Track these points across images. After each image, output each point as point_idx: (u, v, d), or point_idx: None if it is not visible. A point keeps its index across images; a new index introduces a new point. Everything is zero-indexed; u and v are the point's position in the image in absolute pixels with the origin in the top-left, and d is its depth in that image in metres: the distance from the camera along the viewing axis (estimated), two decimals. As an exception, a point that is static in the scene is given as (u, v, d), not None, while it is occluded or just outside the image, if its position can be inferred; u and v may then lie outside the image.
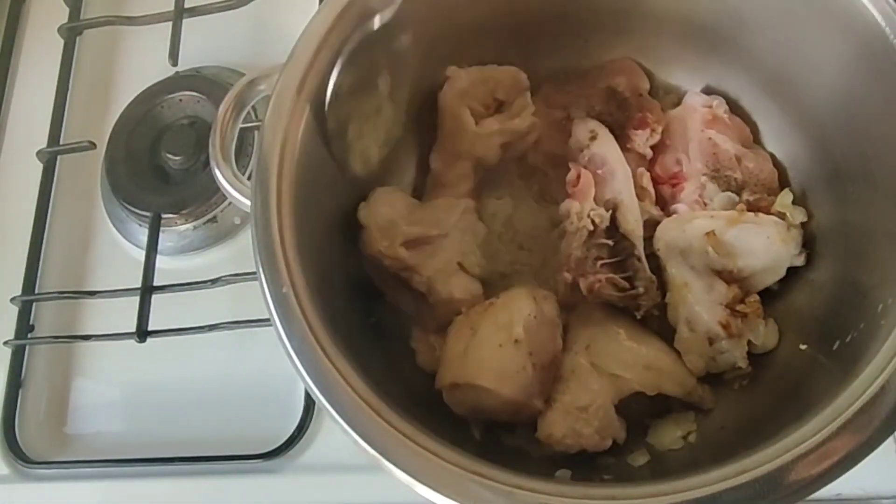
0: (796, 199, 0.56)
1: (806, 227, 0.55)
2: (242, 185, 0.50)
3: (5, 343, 0.68)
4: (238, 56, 0.75)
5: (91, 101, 0.77)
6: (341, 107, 0.51)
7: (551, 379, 0.51)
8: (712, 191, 0.57)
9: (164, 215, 0.68)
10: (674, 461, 0.51)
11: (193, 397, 0.64)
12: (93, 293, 0.68)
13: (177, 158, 0.70)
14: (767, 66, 0.56)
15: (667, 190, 0.59)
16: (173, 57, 0.71)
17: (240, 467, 0.60)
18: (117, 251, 0.71)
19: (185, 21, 0.73)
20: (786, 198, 0.56)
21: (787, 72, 0.55)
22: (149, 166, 0.71)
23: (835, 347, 0.47)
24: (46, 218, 0.72)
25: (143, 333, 0.64)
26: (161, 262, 0.67)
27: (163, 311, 0.65)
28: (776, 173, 0.58)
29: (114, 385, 0.67)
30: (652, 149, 0.59)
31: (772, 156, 0.58)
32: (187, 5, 0.74)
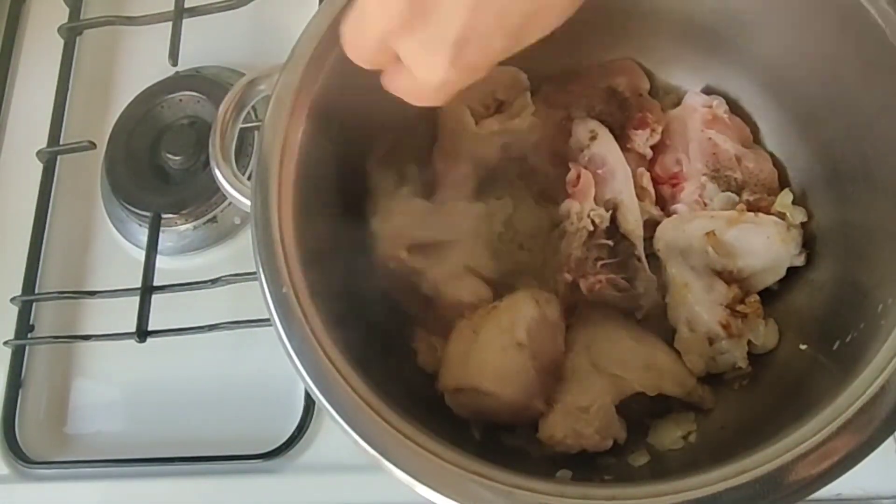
0: (796, 199, 0.56)
1: (806, 227, 0.55)
2: (242, 185, 0.50)
3: (5, 343, 0.68)
4: (238, 56, 0.75)
5: (91, 101, 0.77)
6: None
7: (553, 380, 0.51)
8: (712, 191, 0.57)
9: (164, 215, 0.68)
10: (674, 461, 0.51)
11: (193, 397, 0.64)
12: (93, 293, 0.68)
13: (177, 158, 0.70)
14: (767, 66, 0.56)
15: (667, 190, 0.59)
16: (173, 57, 0.71)
17: (240, 467, 0.60)
18: (117, 251, 0.71)
19: (185, 21, 0.73)
20: (786, 198, 0.56)
21: (787, 72, 0.55)
22: (149, 166, 0.71)
23: (835, 347, 0.47)
24: (46, 218, 0.72)
25: (143, 333, 0.64)
26: (161, 262, 0.67)
27: (163, 311, 0.65)
28: (776, 173, 0.58)
29: (114, 385, 0.67)
30: (652, 149, 0.59)
31: (772, 156, 0.58)
32: (187, 5, 0.73)
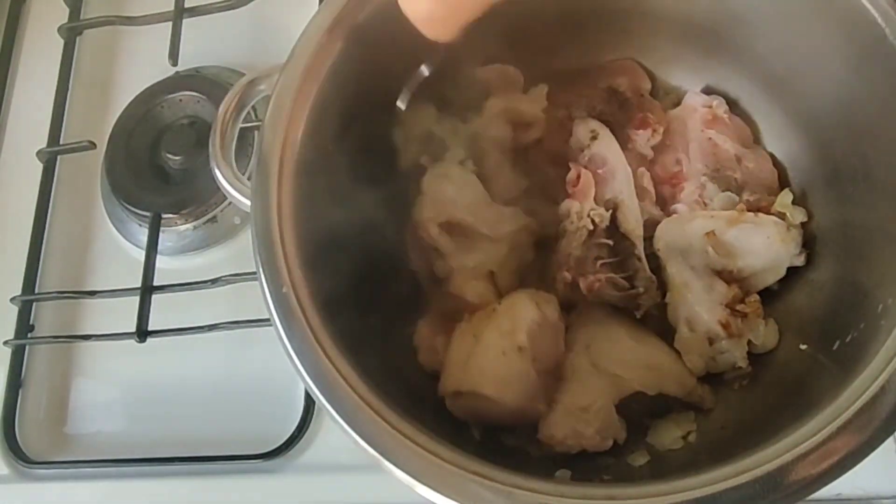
0: (796, 199, 0.56)
1: (806, 227, 0.55)
2: (242, 185, 0.50)
3: (5, 343, 0.68)
4: (238, 56, 0.75)
5: (91, 101, 0.77)
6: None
7: (554, 381, 0.51)
8: (712, 191, 0.57)
9: (164, 215, 0.68)
10: (674, 461, 0.51)
11: (193, 397, 0.64)
12: (93, 293, 0.68)
13: (177, 158, 0.70)
14: (767, 66, 0.56)
15: (667, 190, 0.59)
16: (173, 57, 0.71)
17: (240, 467, 0.60)
18: (117, 251, 0.71)
19: (185, 21, 0.73)
20: (786, 198, 0.56)
21: (787, 72, 0.55)
22: (149, 166, 0.71)
23: (835, 347, 0.47)
24: (46, 218, 0.72)
25: (143, 333, 0.64)
26: (161, 262, 0.67)
27: (163, 311, 0.65)
28: (776, 173, 0.58)
29: (114, 385, 0.67)
30: (652, 149, 0.59)
31: (772, 156, 0.58)
32: (187, 5, 0.74)
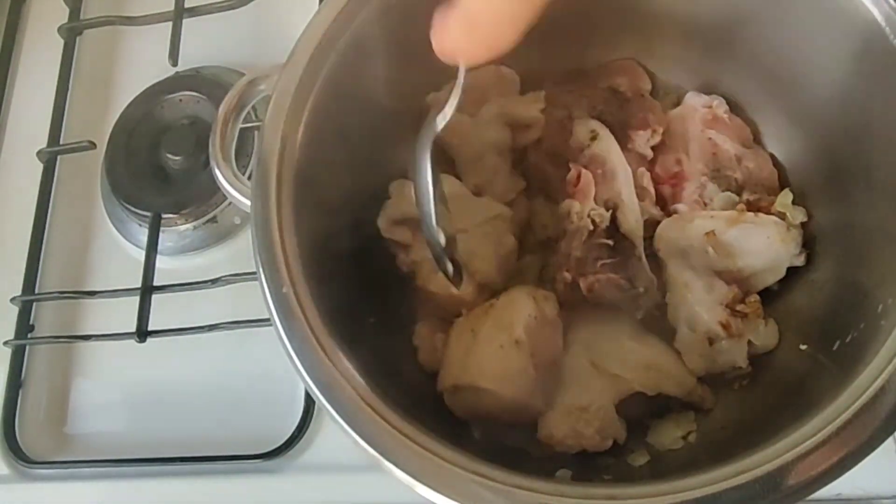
0: (796, 199, 0.56)
1: (806, 227, 0.55)
2: (242, 185, 0.50)
3: (5, 343, 0.68)
4: (238, 56, 0.75)
5: (91, 101, 0.77)
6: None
7: (552, 379, 0.51)
8: (712, 191, 0.57)
9: (164, 215, 0.68)
10: (674, 461, 0.51)
11: (193, 397, 0.64)
12: (93, 293, 0.68)
13: (177, 158, 0.70)
14: (767, 66, 0.56)
15: (667, 190, 0.59)
16: (173, 57, 0.71)
17: (240, 467, 0.60)
18: (117, 251, 0.71)
19: (185, 21, 0.73)
20: (786, 198, 0.56)
21: (787, 72, 0.55)
22: (149, 166, 0.71)
23: (835, 347, 0.47)
24: (46, 218, 0.72)
25: (143, 333, 0.64)
26: (161, 262, 0.67)
27: (163, 311, 0.65)
28: (776, 173, 0.58)
29: (114, 385, 0.67)
30: (652, 149, 0.59)
31: (772, 156, 0.58)
32: (187, 5, 0.74)
